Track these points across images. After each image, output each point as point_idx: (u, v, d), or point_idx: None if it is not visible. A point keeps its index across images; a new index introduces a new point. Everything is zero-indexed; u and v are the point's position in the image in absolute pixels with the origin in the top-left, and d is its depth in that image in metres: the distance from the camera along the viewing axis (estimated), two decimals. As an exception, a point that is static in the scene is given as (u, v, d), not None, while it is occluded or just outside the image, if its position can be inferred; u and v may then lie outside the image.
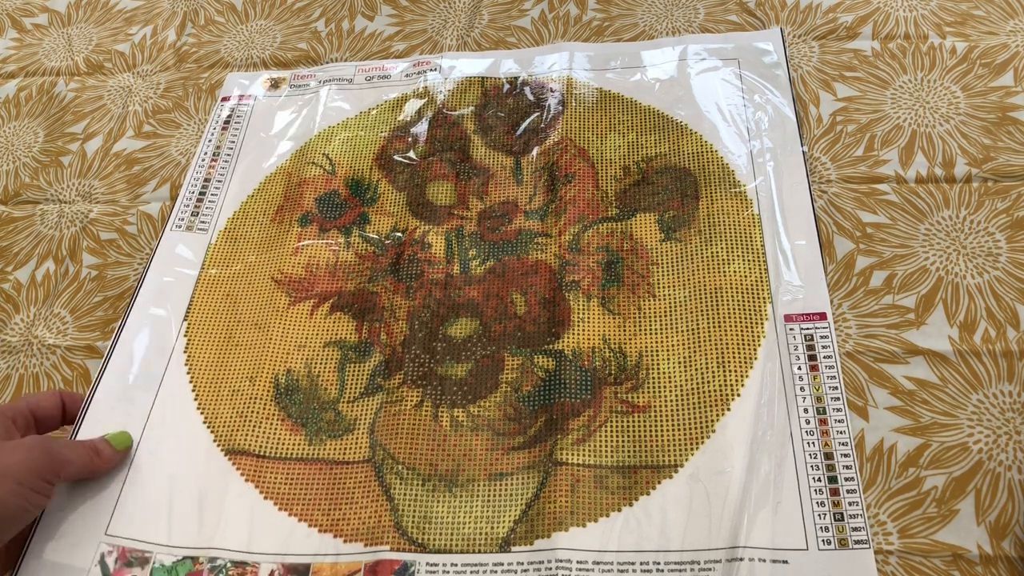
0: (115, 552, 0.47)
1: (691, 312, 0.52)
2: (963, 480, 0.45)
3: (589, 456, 0.47)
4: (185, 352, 0.55)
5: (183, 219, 0.61)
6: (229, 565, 0.46)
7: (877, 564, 0.43)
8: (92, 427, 0.52)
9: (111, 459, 0.49)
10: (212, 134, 0.66)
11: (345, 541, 0.46)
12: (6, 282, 0.61)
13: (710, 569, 0.43)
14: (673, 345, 0.51)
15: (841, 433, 0.46)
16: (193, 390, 0.53)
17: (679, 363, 0.50)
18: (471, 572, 0.44)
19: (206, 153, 0.65)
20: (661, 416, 0.48)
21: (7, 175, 0.68)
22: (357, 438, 0.50)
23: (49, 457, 0.44)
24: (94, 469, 0.48)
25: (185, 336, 0.55)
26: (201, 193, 0.63)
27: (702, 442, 0.47)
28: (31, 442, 0.44)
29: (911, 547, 0.43)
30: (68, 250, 0.62)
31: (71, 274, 0.61)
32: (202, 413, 0.52)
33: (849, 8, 0.65)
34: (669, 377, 0.50)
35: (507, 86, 0.65)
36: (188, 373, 0.54)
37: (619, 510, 0.45)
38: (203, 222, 0.61)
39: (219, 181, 0.63)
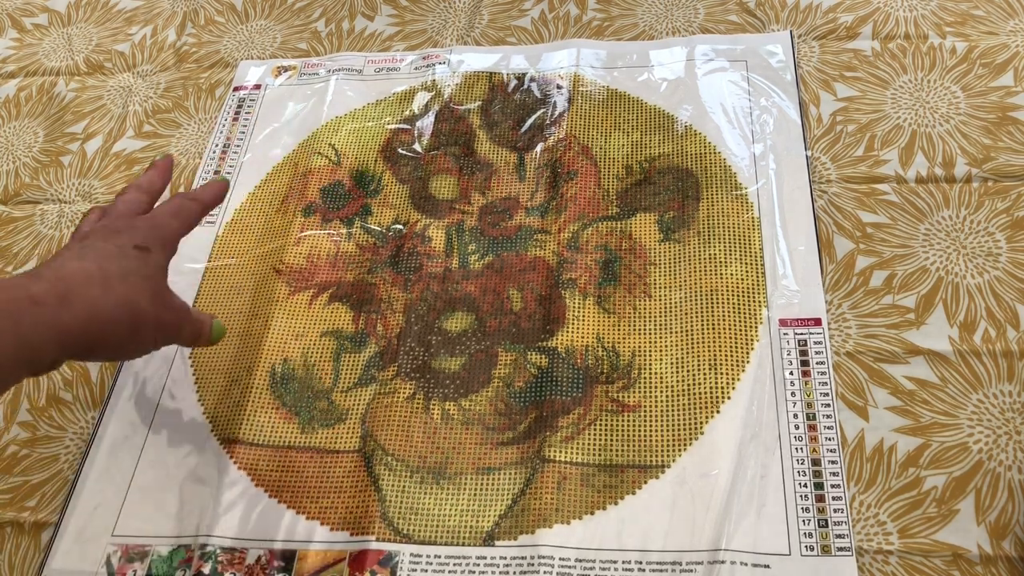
0: (119, 551, 0.48)
1: (686, 313, 0.52)
2: (963, 480, 0.45)
3: (577, 454, 0.47)
4: None
5: None
6: (218, 551, 0.46)
7: (877, 564, 0.43)
8: (111, 431, 0.52)
9: (205, 341, 0.48)
10: (223, 126, 0.67)
11: (332, 529, 0.47)
12: (6, 282, 0.61)
13: (691, 571, 0.43)
14: (667, 346, 0.51)
15: (830, 439, 0.46)
16: (196, 382, 0.54)
17: (671, 364, 0.50)
18: (454, 564, 0.45)
19: (217, 145, 0.66)
20: (650, 416, 0.48)
21: (7, 175, 0.68)
22: (349, 428, 0.50)
23: (189, 328, 0.46)
24: (191, 343, 0.48)
25: None
26: None
27: (690, 444, 0.47)
28: (180, 307, 0.45)
29: (911, 547, 0.43)
30: (68, 250, 0.62)
31: (71, 274, 0.61)
32: (202, 404, 0.53)
33: (849, 8, 0.65)
34: (661, 377, 0.49)
35: (514, 82, 0.66)
36: (192, 366, 0.54)
37: (604, 508, 0.45)
38: (211, 215, 0.61)
39: (228, 173, 0.64)
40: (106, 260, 0.41)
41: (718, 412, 0.48)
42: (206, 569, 0.46)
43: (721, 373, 0.49)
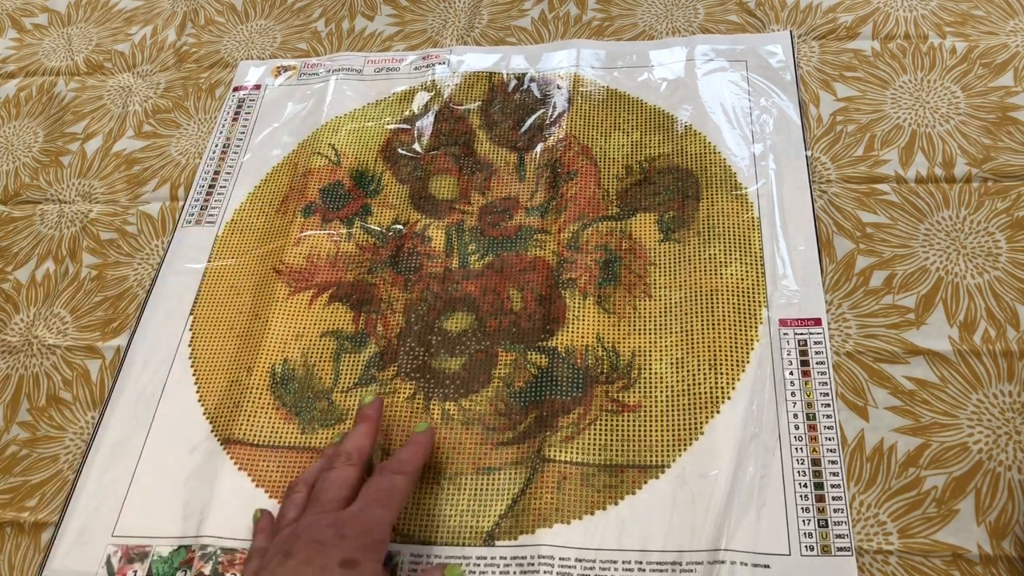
0: (119, 551, 0.48)
1: (686, 313, 0.52)
2: (963, 480, 0.45)
3: (577, 454, 0.47)
4: (190, 346, 0.55)
5: (192, 214, 0.62)
6: (219, 552, 0.46)
7: (877, 564, 0.43)
8: (111, 431, 0.52)
9: None
10: (223, 126, 0.67)
11: None
12: (6, 282, 0.61)
13: (691, 571, 0.43)
14: (667, 346, 0.51)
15: (830, 439, 0.46)
16: (196, 383, 0.54)
17: (671, 364, 0.50)
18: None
19: (216, 145, 0.66)
20: (650, 416, 0.48)
21: (7, 175, 0.68)
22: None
23: None
24: None
25: (190, 330, 0.56)
26: (211, 186, 0.63)
27: (690, 444, 0.47)
28: None
29: (911, 547, 0.43)
30: (68, 250, 0.62)
31: (71, 274, 0.61)
32: (202, 404, 0.53)
33: (849, 8, 0.65)
34: (661, 377, 0.49)
35: (514, 82, 0.66)
36: (192, 366, 0.54)
37: (604, 508, 0.45)
38: (211, 215, 0.62)
39: (228, 173, 0.64)
40: None
41: (718, 412, 0.48)
42: (207, 570, 0.46)
43: (721, 373, 0.49)
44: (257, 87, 0.69)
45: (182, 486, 0.49)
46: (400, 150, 0.63)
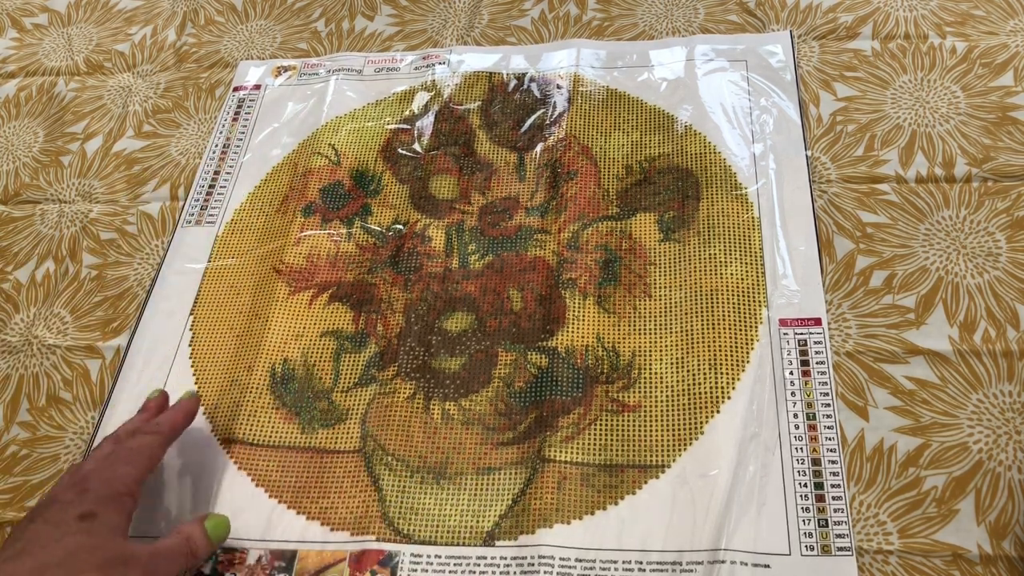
0: None
1: (686, 313, 0.52)
2: (963, 480, 0.45)
3: (577, 454, 0.47)
4: (190, 346, 0.55)
5: (192, 214, 0.62)
6: (218, 552, 0.46)
7: (877, 564, 0.43)
8: (111, 428, 0.52)
9: (205, 552, 0.43)
10: (223, 126, 0.67)
11: (332, 529, 0.47)
12: (6, 282, 0.61)
13: (692, 571, 0.43)
14: (667, 346, 0.51)
15: (830, 439, 0.46)
16: (196, 383, 0.54)
17: (672, 364, 0.50)
18: (454, 564, 0.45)
19: (216, 146, 0.66)
20: (651, 416, 0.48)
21: (7, 175, 0.68)
22: (349, 428, 0.50)
23: (173, 561, 0.41)
24: (194, 563, 0.43)
25: (191, 330, 0.56)
26: (211, 186, 0.63)
27: (690, 443, 0.47)
28: (150, 554, 0.40)
29: (911, 547, 0.43)
30: (68, 250, 0.62)
31: (71, 274, 0.61)
32: (202, 404, 0.52)
33: (849, 8, 0.65)
34: (661, 377, 0.49)
35: (514, 82, 0.66)
36: (192, 366, 0.54)
37: (604, 508, 0.46)
38: (211, 215, 0.62)
39: (228, 173, 0.64)
40: (43, 549, 0.38)
41: (718, 412, 0.48)
42: (206, 569, 0.46)
43: (721, 373, 0.49)
44: (257, 87, 0.69)
45: (181, 486, 0.49)
46: (400, 150, 0.63)
